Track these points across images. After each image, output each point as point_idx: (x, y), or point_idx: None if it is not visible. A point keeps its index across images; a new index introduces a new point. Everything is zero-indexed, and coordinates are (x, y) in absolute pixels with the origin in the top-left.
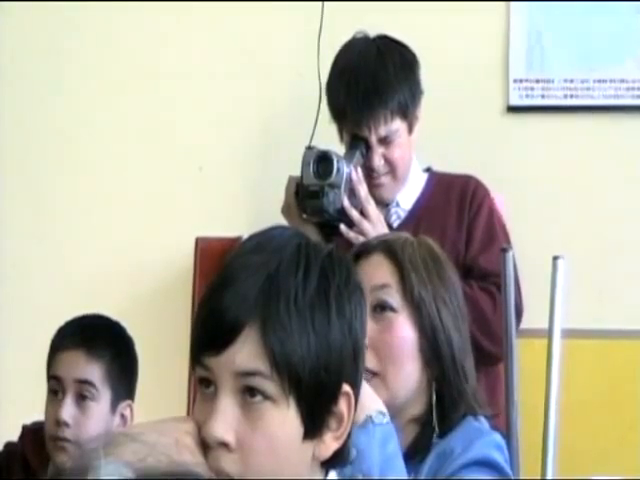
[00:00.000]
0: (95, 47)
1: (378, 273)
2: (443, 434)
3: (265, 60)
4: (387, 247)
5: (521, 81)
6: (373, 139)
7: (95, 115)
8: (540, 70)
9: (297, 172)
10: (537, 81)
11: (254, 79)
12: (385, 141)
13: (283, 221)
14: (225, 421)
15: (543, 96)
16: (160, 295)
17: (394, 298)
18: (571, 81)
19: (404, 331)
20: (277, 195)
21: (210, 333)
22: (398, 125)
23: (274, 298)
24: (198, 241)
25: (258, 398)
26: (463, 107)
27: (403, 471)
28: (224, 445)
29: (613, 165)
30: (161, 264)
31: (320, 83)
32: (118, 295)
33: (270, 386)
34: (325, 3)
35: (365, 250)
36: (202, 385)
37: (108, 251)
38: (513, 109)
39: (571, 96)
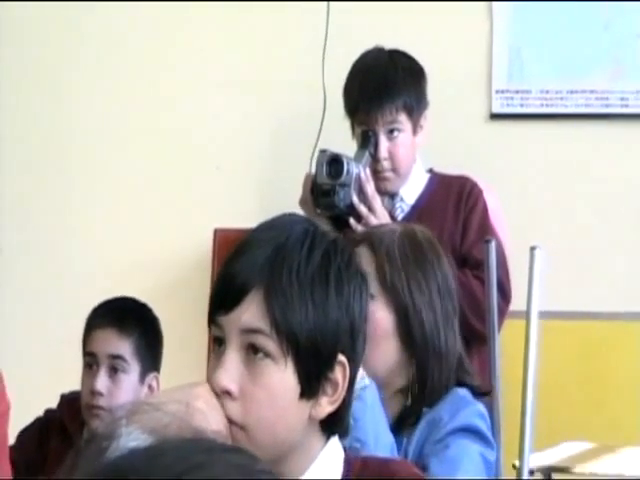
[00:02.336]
0: (124, 55)
1: (360, 263)
2: (432, 404)
3: (276, 73)
4: (368, 239)
5: (502, 91)
6: (380, 130)
7: (127, 117)
8: (519, 82)
9: (302, 170)
10: (517, 91)
11: (266, 90)
12: (391, 134)
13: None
14: (230, 372)
15: (522, 105)
16: (182, 280)
17: (372, 285)
18: (547, 92)
19: (379, 314)
20: (285, 190)
21: (222, 294)
22: (403, 120)
23: (279, 268)
24: (216, 232)
25: (260, 355)
26: (452, 114)
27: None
28: (228, 393)
29: (583, 165)
30: (183, 252)
31: (324, 93)
32: (143, 280)
33: (270, 345)
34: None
35: (353, 241)
36: (215, 344)
37: (135, 241)
38: (495, 116)
39: (547, 105)
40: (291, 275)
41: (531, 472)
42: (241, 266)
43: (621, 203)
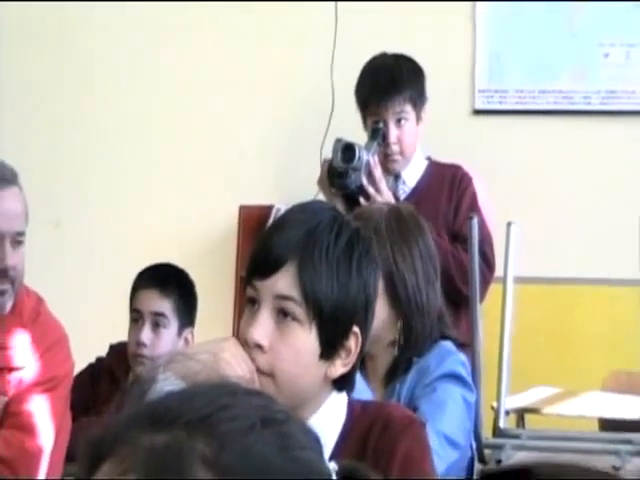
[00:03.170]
0: (160, 50)
1: None
2: (421, 355)
3: (293, 72)
4: (360, 216)
5: (484, 91)
6: (390, 119)
7: (167, 109)
8: (498, 82)
9: (313, 156)
10: (496, 91)
11: (283, 87)
12: (399, 123)
13: (302, 194)
14: (262, 329)
15: (500, 102)
16: (212, 249)
17: None
18: (522, 91)
19: None
20: (299, 173)
21: (260, 263)
22: (409, 110)
23: (311, 247)
24: (241, 208)
25: (289, 318)
26: (440, 110)
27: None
28: (259, 347)
29: (552, 154)
30: (213, 225)
31: (332, 89)
32: (178, 249)
33: (299, 310)
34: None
35: None
36: (249, 304)
37: (170, 216)
38: (478, 112)
39: (521, 103)
40: (321, 254)
41: (506, 412)
42: (279, 241)
43: (584, 185)
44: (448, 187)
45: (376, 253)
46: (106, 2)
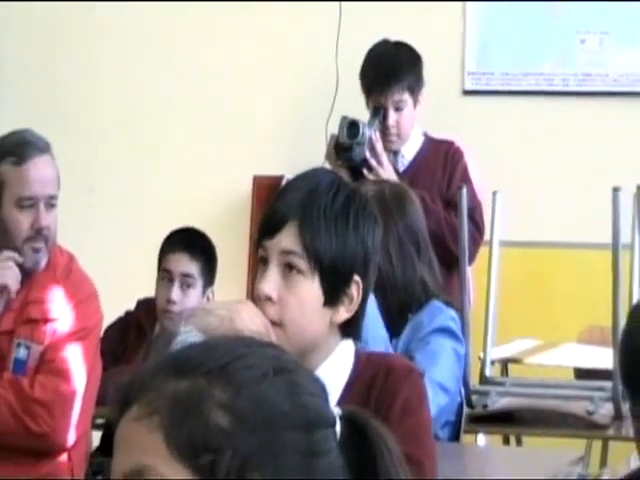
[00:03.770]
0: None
1: None
2: (416, 312)
3: (301, 57)
4: None
5: (473, 73)
6: (390, 105)
7: (189, 90)
8: (486, 66)
9: (319, 131)
10: (483, 73)
11: (294, 69)
12: (397, 109)
13: (309, 165)
14: (271, 282)
15: (487, 84)
16: (229, 216)
17: None
18: (507, 74)
19: None
20: (307, 146)
21: (267, 225)
22: (407, 98)
23: (310, 207)
24: (255, 178)
25: (294, 272)
26: (434, 91)
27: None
28: (269, 299)
29: (534, 129)
30: (230, 194)
31: (337, 72)
32: (200, 215)
33: (302, 263)
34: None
35: None
36: (261, 263)
37: (192, 185)
38: (467, 92)
39: (506, 84)
40: (319, 212)
41: (492, 362)
42: (282, 203)
43: (562, 158)
44: (442, 160)
45: (376, 211)
46: None
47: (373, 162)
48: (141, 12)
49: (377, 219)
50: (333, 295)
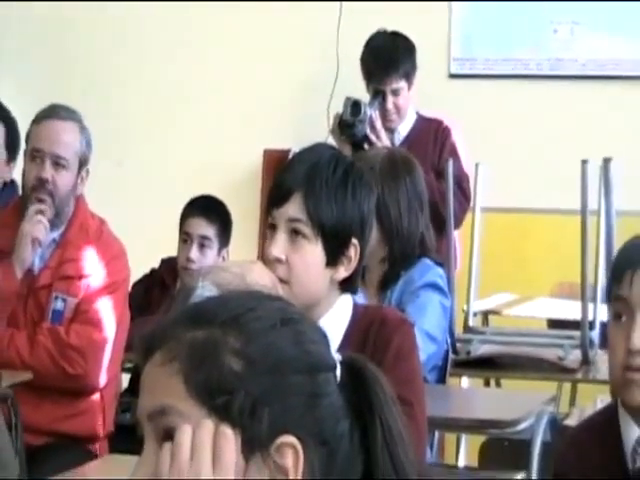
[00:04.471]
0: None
1: None
2: (407, 269)
3: (307, 43)
4: (360, 159)
5: (458, 59)
6: (388, 91)
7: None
8: (469, 52)
9: (322, 109)
10: (467, 59)
11: (301, 54)
12: (395, 93)
13: (313, 140)
14: (279, 246)
15: (471, 68)
16: (242, 185)
17: None
18: (488, 60)
19: None
20: (312, 123)
21: (276, 195)
22: (403, 84)
23: (313, 179)
24: (265, 152)
25: (300, 237)
26: (423, 75)
27: None
28: (278, 260)
29: (512, 107)
30: (242, 166)
31: (337, 57)
32: (217, 184)
33: (306, 229)
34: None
35: None
36: (270, 229)
37: (210, 158)
38: (453, 76)
39: (487, 69)
40: (321, 183)
41: (474, 314)
42: (288, 176)
43: (537, 133)
44: (433, 137)
45: (371, 181)
46: None
47: (373, 137)
48: None
49: (372, 188)
50: (334, 257)
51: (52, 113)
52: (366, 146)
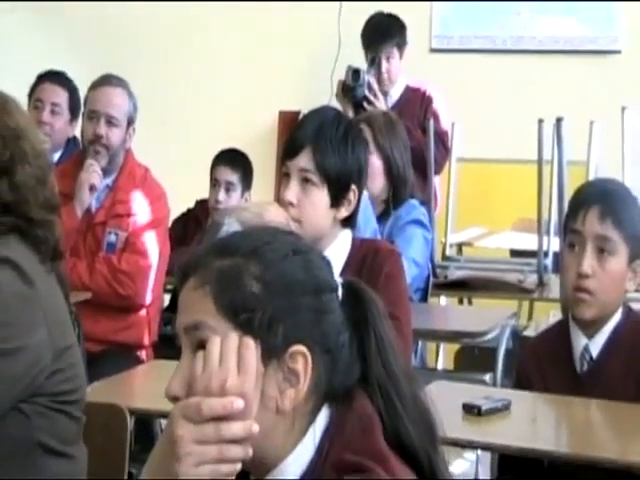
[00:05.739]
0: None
1: (363, 132)
2: (396, 209)
3: (315, 24)
4: (366, 119)
5: (438, 36)
6: (382, 57)
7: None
8: (447, 31)
9: (327, 77)
10: (445, 36)
11: (311, 35)
12: (388, 60)
13: (319, 103)
14: (292, 191)
15: (448, 44)
16: (262, 141)
17: (370, 146)
18: (462, 37)
19: (375, 162)
20: (318, 88)
21: (289, 149)
22: (395, 52)
23: (320, 135)
24: (280, 113)
25: (309, 184)
26: (410, 50)
27: (373, 217)
28: (291, 204)
29: (483, 76)
30: (262, 124)
31: (339, 33)
32: (241, 140)
33: (315, 177)
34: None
35: (357, 120)
36: (284, 177)
37: (235, 119)
38: (433, 50)
39: (462, 44)
40: (327, 139)
41: (451, 245)
42: (300, 133)
43: (503, 98)
44: (419, 101)
45: (367, 137)
46: None
47: (371, 97)
48: None
49: (367, 143)
50: (337, 200)
51: (105, 81)
52: (365, 105)
